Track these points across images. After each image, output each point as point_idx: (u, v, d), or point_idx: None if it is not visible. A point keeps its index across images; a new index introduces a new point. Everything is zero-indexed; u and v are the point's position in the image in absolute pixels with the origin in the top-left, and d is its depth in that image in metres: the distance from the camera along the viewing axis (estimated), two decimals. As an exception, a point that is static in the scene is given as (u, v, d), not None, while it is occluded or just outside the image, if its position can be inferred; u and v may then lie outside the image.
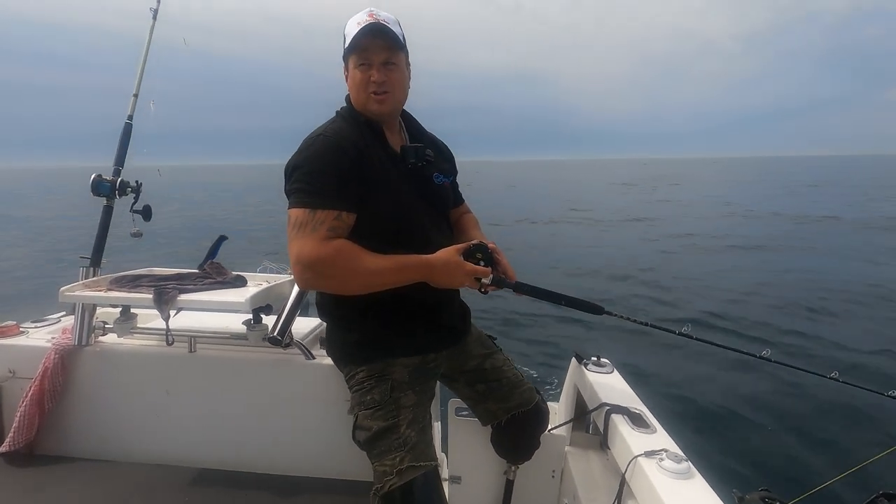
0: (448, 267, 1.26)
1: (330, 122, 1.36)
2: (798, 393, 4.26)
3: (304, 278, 1.23)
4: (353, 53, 1.30)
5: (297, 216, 1.20)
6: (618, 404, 1.54)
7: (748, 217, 17.75)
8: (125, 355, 1.75)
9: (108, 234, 1.82)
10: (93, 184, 1.75)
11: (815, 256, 10.55)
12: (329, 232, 1.20)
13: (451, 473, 1.80)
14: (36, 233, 11.40)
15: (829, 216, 16.13)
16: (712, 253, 11.08)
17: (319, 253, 1.18)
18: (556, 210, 20.42)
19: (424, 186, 1.40)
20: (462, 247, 1.29)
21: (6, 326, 1.83)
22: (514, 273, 1.35)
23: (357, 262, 1.21)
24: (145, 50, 1.86)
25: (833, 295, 7.26)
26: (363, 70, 1.30)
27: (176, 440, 1.76)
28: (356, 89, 1.32)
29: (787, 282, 8.15)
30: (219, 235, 2.01)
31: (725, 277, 8.56)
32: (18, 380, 1.72)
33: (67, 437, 1.75)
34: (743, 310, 6.63)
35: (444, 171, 1.48)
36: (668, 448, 1.29)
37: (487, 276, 1.28)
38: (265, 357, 1.73)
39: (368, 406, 1.30)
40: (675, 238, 13.02)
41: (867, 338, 5.55)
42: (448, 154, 1.58)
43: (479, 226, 1.62)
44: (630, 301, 7.26)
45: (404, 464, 1.21)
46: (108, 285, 1.70)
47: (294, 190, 1.23)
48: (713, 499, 1.12)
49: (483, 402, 1.55)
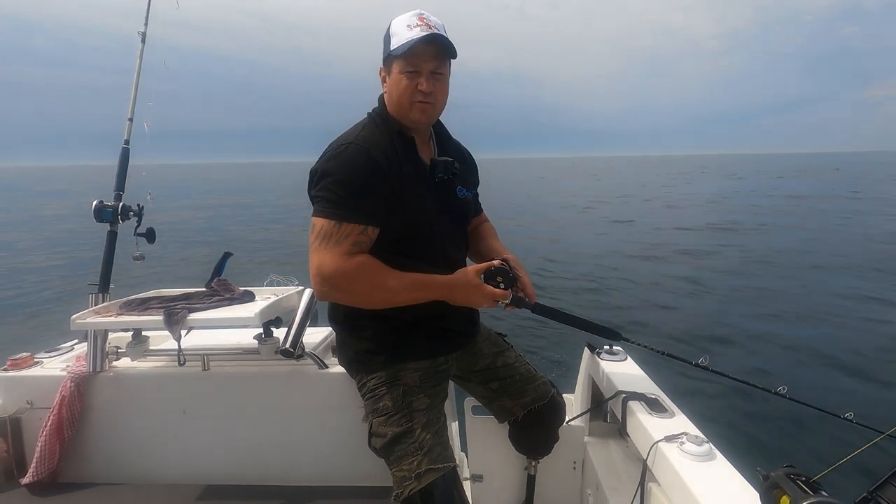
0: (467, 288, 1.25)
1: (361, 126, 1.32)
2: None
3: (322, 291, 1.22)
4: (401, 58, 1.25)
5: (322, 227, 1.19)
6: (634, 391, 1.53)
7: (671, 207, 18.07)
8: (140, 378, 1.76)
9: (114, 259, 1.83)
10: (95, 210, 1.75)
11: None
12: (353, 247, 1.19)
13: (473, 472, 1.79)
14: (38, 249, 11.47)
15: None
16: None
17: (341, 268, 1.17)
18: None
19: (448, 200, 1.38)
20: (482, 268, 1.27)
21: (21, 358, 1.85)
22: (534, 292, 1.34)
23: (378, 279, 1.20)
24: (136, 74, 1.87)
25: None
26: (411, 77, 1.25)
27: (195, 459, 1.77)
28: (399, 95, 1.28)
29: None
30: (223, 252, 2.02)
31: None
32: (37, 410, 1.73)
33: (88, 464, 1.76)
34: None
35: (467, 184, 1.46)
36: (688, 431, 1.29)
37: (507, 299, 1.27)
38: (278, 370, 1.74)
39: (382, 413, 1.30)
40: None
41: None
42: (473, 165, 1.56)
43: (496, 234, 1.60)
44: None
45: (422, 467, 1.21)
46: (118, 310, 1.71)
47: (321, 198, 1.21)
48: (737, 479, 1.11)
49: (498, 399, 1.55)
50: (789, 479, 0.89)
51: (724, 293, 7.19)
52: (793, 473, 0.90)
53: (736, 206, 19.55)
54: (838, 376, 4.38)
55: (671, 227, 13.98)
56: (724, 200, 22.11)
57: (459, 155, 1.47)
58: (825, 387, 4.21)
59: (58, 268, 9.86)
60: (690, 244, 11.08)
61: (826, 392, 4.10)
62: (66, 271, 9.37)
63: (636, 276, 8.34)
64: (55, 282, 8.61)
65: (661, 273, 8.51)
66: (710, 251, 10.29)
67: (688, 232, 13.00)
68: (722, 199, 22.93)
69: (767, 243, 11.00)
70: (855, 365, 4.55)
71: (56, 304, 7.06)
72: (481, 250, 1.52)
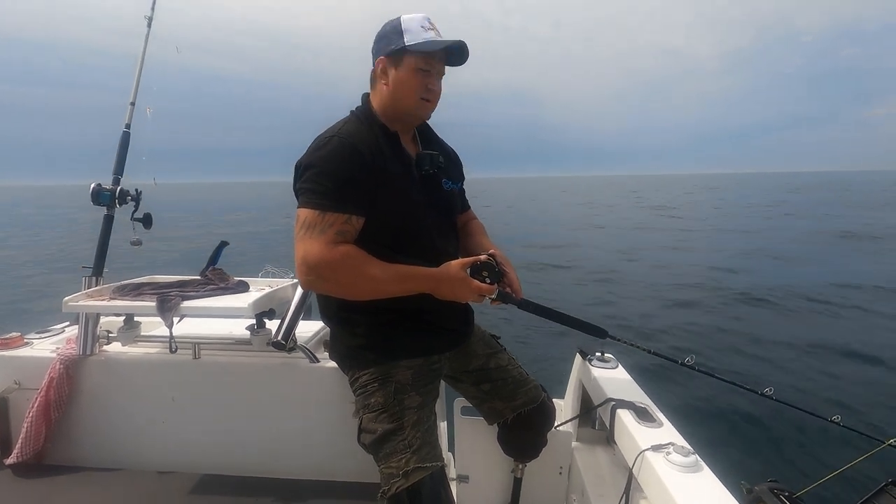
0: (453, 282, 1.25)
1: (344, 122, 1.33)
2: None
3: (307, 280, 1.22)
4: (419, 56, 1.28)
5: (307, 217, 1.19)
6: (623, 399, 1.54)
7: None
8: (130, 364, 1.75)
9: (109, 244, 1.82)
10: (93, 193, 1.75)
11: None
12: (337, 235, 1.19)
13: (459, 473, 1.80)
14: (36, 244, 11.36)
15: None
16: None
17: (326, 256, 1.17)
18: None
19: (434, 192, 1.39)
20: (469, 261, 1.27)
21: (11, 338, 1.84)
22: (521, 288, 1.34)
23: (363, 269, 1.20)
24: (141, 58, 1.86)
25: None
26: (423, 76, 1.29)
27: (182, 446, 1.76)
28: (406, 91, 1.31)
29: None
30: (220, 241, 2.01)
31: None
32: (24, 391, 1.73)
33: (75, 447, 1.75)
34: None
35: (453, 178, 1.47)
36: (675, 442, 1.29)
37: (493, 293, 1.27)
38: (269, 362, 1.73)
39: (373, 409, 1.30)
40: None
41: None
42: (457, 160, 1.57)
43: (486, 232, 1.60)
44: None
45: (410, 465, 1.21)
46: (111, 294, 1.71)
47: (305, 189, 1.22)
48: (722, 491, 1.12)
49: (488, 401, 1.55)
50: (773, 493, 0.90)
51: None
52: (776, 488, 0.91)
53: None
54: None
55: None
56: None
57: (444, 151, 1.49)
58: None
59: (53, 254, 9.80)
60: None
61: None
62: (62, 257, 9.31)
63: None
64: (48, 264, 8.56)
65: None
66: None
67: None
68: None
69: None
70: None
71: (48, 286, 7.02)
72: (469, 246, 1.52)
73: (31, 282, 7.60)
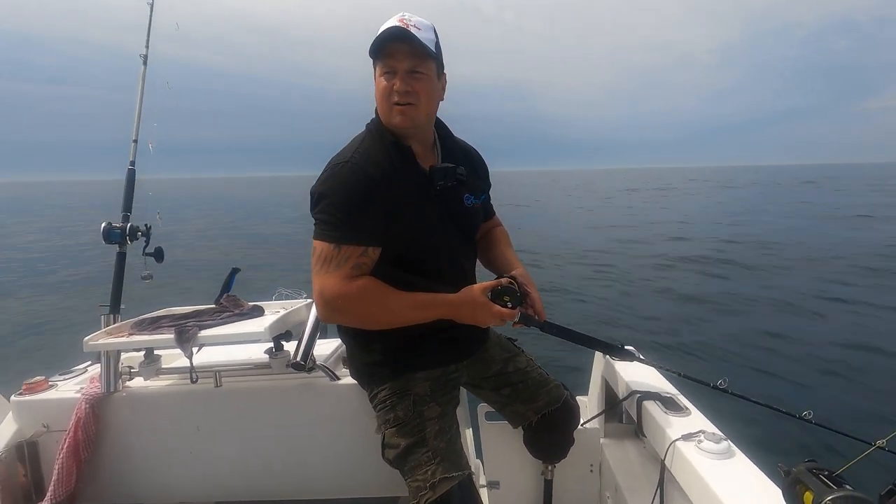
0: (474, 307, 1.23)
1: (358, 140, 1.30)
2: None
3: (325, 314, 1.23)
4: (378, 60, 1.24)
5: (322, 250, 1.19)
6: (649, 391, 1.52)
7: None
8: (153, 397, 1.77)
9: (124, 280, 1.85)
10: (104, 232, 1.77)
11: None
12: (353, 270, 1.18)
13: (489, 479, 1.78)
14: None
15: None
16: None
17: (342, 291, 1.17)
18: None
19: (454, 209, 1.34)
20: (489, 286, 1.25)
21: (35, 382, 1.86)
22: (543, 308, 1.32)
23: (381, 301, 1.20)
24: (139, 97, 1.89)
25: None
26: (388, 78, 1.23)
27: (209, 475, 1.77)
28: (379, 99, 1.26)
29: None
30: (231, 268, 2.03)
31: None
32: (53, 433, 1.74)
33: (105, 485, 1.76)
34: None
35: (475, 191, 1.41)
36: (705, 429, 1.27)
37: (514, 318, 1.26)
38: (290, 383, 1.74)
39: (394, 423, 1.30)
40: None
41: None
42: (482, 168, 1.50)
43: (510, 241, 1.55)
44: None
45: (436, 476, 1.20)
46: (130, 330, 1.72)
47: (319, 220, 1.21)
48: (758, 475, 1.10)
49: (511, 404, 1.54)
50: (811, 473, 0.87)
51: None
52: (815, 468, 0.89)
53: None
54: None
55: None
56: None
57: (467, 158, 1.43)
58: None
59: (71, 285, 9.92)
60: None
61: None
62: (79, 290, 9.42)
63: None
64: (67, 302, 8.67)
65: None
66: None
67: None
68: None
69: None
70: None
71: (68, 326, 7.10)
72: (492, 258, 1.49)
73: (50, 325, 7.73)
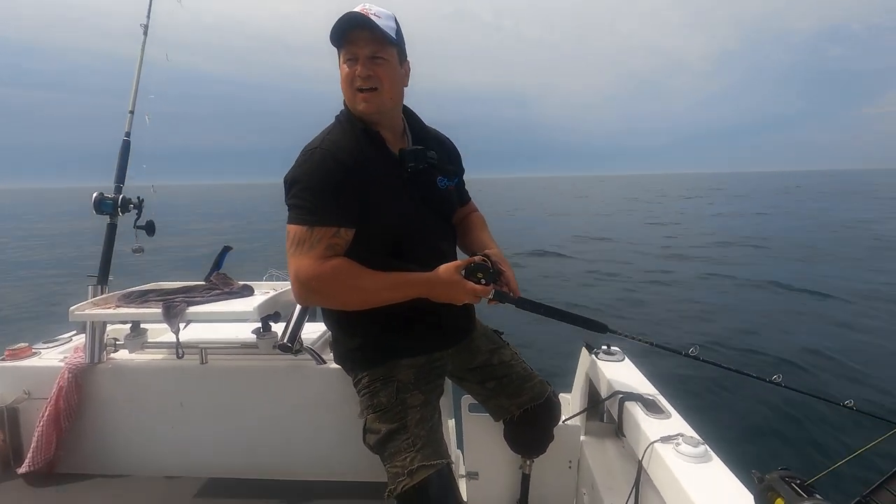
0: (448, 285, 1.24)
1: (328, 130, 1.32)
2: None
3: (302, 296, 1.23)
4: (340, 48, 1.25)
5: (296, 233, 1.20)
6: (631, 391, 1.54)
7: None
8: (138, 370, 1.76)
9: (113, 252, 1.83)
10: (95, 202, 1.75)
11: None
12: (327, 250, 1.19)
13: (468, 470, 1.80)
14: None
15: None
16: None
17: (316, 271, 1.17)
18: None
19: (427, 192, 1.36)
20: (462, 264, 1.26)
21: (19, 348, 1.85)
22: (517, 286, 1.33)
23: (354, 280, 1.21)
24: (138, 67, 1.86)
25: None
26: (350, 65, 1.24)
27: (192, 451, 1.77)
28: (344, 86, 1.28)
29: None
30: (223, 246, 2.01)
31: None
32: (34, 400, 1.74)
33: (85, 455, 1.76)
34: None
35: (448, 174, 1.43)
36: (684, 432, 1.29)
37: (488, 294, 1.27)
38: (276, 364, 1.74)
39: (376, 409, 1.30)
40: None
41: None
42: (454, 153, 1.52)
43: (486, 225, 1.57)
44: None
45: (415, 464, 1.21)
46: (117, 302, 1.71)
47: (292, 205, 1.22)
48: (732, 480, 1.12)
49: (494, 398, 1.55)
50: (784, 481, 0.89)
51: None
52: (788, 476, 0.90)
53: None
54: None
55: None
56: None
57: (438, 144, 1.45)
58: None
59: (58, 260, 9.85)
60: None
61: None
62: (67, 264, 9.35)
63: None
64: (53, 272, 8.61)
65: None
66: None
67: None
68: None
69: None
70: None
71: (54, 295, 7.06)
72: (468, 242, 1.49)
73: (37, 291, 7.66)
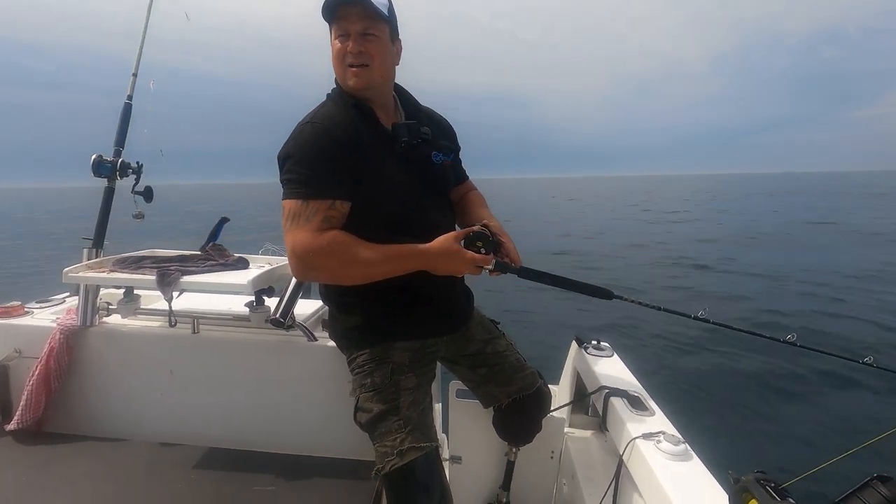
0: (447, 256, 1.23)
1: (320, 106, 1.31)
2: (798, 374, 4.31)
3: (298, 270, 1.22)
4: (332, 24, 1.25)
5: (291, 207, 1.18)
6: (617, 387, 1.55)
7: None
8: (129, 336, 1.77)
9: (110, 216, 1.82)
10: (93, 165, 1.74)
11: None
12: (323, 223, 1.18)
13: (452, 454, 1.82)
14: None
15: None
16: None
17: (313, 244, 1.16)
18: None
19: (422, 167, 1.35)
20: (461, 234, 1.25)
21: (11, 307, 1.85)
22: (519, 256, 1.32)
23: (351, 253, 1.19)
24: (144, 27, 1.83)
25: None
26: (341, 41, 1.24)
27: (179, 419, 1.79)
28: (335, 62, 1.27)
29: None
30: (220, 217, 2.01)
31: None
32: (25, 359, 1.74)
33: (74, 416, 1.78)
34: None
35: (443, 149, 1.41)
36: (665, 430, 1.31)
37: (489, 263, 1.24)
38: (268, 339, 1.74)
39: (369, 389, 1.31)
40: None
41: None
42: (448, 130, 1.51)
43: (485, 202, 1.55)
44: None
45: (405, 445, 1.23)
46: (112, 266, 1.71)
47: (286, 180, 1.21)
48: (709, 479, 1.14)
49: (484, 385, 1.56)
50: (759, 483, 0.91)
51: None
52: (763, 479, 0.92)
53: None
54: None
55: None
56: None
57: (432, 121, 1.44)
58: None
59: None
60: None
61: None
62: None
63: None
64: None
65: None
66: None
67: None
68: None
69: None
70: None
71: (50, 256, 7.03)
72: (468, 220, 1.47)
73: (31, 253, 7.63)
